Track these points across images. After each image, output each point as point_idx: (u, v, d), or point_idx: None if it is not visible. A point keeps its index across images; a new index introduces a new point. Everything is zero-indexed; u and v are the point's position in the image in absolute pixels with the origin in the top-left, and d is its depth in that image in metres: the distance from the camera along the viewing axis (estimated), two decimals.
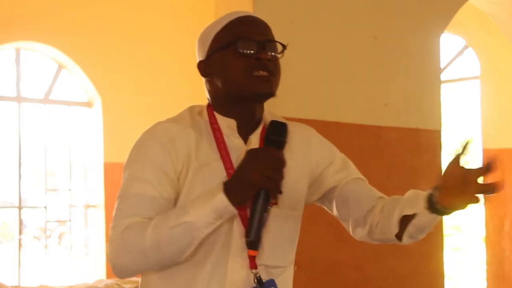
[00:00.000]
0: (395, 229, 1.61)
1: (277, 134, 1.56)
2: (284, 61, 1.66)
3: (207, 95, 1.71)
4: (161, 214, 1.53)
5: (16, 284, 5.87)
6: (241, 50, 1.61)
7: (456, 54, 7.28)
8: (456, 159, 1.45)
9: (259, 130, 1.67)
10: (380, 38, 3.90)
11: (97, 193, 6.63)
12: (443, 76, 5.63)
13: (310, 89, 3.64)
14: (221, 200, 1.48)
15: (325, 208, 1.81)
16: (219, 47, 1.64)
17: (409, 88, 4.05)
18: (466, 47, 7.09)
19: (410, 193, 1.62)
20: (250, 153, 1.52)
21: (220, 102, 1.67)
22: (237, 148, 1.63)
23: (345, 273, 3.67)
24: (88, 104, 6.75)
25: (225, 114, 1.66)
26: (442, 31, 4.25)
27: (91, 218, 6.88)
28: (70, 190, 6.92)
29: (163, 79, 6.74)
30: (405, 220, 1.58)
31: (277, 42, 1.67)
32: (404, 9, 4.06)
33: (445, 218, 1.61)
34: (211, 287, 1.57)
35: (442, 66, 4.64)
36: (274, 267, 1.63)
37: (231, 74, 1.62)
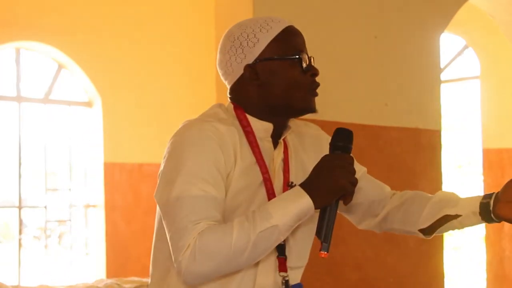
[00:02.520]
0: (422, 224, 1.70)
1: (344, 140, 1.57)
2: None
3: (231, 96, 1.68)
4: (238, 217, 1.49)
5: (16, 284, 5.87)
6: (303, 66, 1.65)
7: (456, 54, 7.29)
8: None
9: (286, 134, 1.68)
10: (380, 38, 3.90)
11: (97, 193, 6.63)
12: (443, 76, 5.63)
13: None
14: (307, 203, 1.49)
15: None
16: (276, 56, 1.62)
17: (409, 88, 4.05)
18: (466, 47, 7.10)
19: (447, 194, 1.71)
20: (335, 160, 1.53)
21: (257, 107, 1.65)
22: (268, 151, 1.64)
23: (345, 273, 3.67)
24: (88, 104, 6.75)
25: (261, 118, 1.64)
26: (442, 31, 4.25)
27: (91, 218, 6.88)
28: (70, 190, 6.92)
29: (163, 79, 6.74)
30: (442, 219, 1.67)
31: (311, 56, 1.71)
32: (404, 9, 4.06)
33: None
34: None
35: (442, 66, 4.64)
36: (297, 267, 1.65)
37: (290, 87, 1.63)
